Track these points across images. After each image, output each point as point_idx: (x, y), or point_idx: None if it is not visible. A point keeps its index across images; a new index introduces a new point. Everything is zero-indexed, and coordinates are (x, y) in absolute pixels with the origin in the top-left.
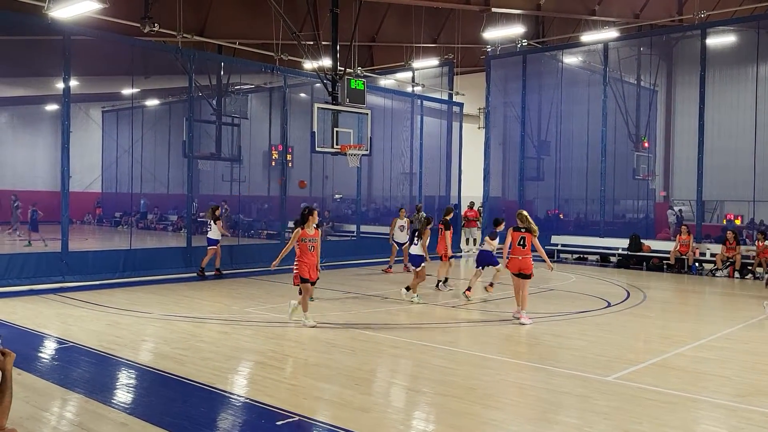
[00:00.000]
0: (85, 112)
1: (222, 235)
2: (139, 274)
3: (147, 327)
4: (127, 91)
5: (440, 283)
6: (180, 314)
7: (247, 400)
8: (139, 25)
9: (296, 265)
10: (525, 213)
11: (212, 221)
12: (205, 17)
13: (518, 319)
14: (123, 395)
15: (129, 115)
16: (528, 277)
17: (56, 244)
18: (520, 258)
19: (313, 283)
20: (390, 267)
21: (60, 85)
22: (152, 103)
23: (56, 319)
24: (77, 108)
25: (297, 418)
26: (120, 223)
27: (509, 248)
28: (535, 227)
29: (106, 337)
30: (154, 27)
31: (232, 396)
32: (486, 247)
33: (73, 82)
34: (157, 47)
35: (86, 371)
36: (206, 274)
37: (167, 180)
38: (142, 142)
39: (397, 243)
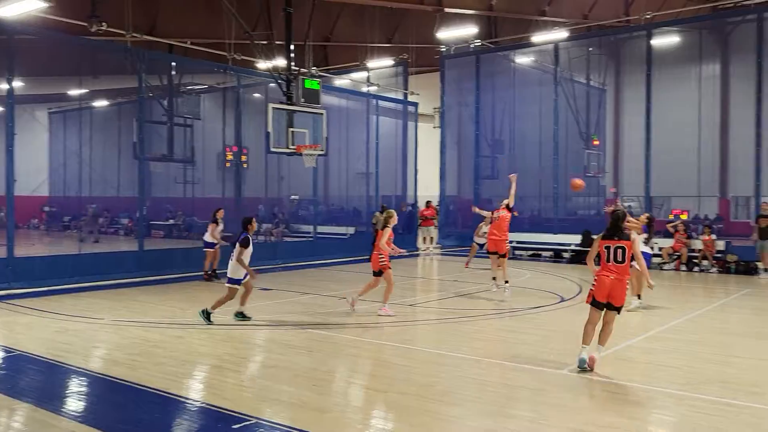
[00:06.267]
0: (30, 114)
1: (216, 242)
2: (90, 279)
3: (98, 333)
4: (74, 92)
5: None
6: (132, 319)
7: (203, 405)
8: (86, 24)
9: None
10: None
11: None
12: (154, 16)
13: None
14: (73, 403)
15: (77, 116)
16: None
17: (1, 251)
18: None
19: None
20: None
21: (3, 86)
22: (101, 103)
23: (2, 327)
24: (22, 109)
25: (254, 420)
26: (69, 227)
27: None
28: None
29: (55, 345)
30: (102, 26)
31: (187, 401)
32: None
33: (18, 83)
34: (105, 47)
35: (34, 380)
36: (210, 275)
37: (118, 182)
38: (91, 143)
39: (478, 244)
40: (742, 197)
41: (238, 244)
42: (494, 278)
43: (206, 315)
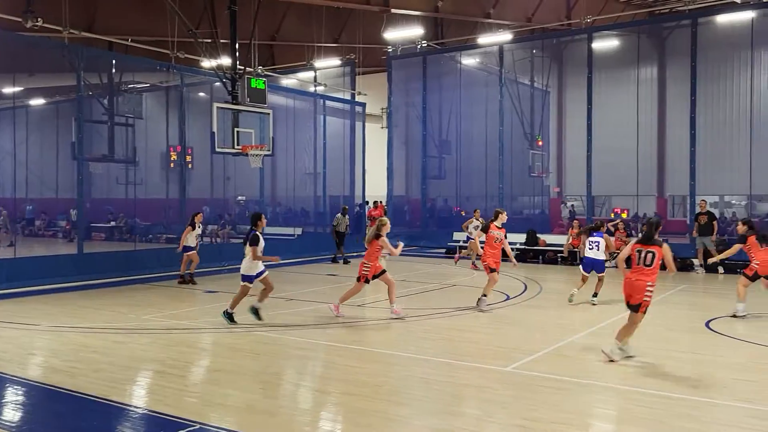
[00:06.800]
0: None
1: (196, 245)
2: (26, 284)
3: (35, 340)
4: (8, 90)
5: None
6: (71, 325)
7: (145, 411)
8: (20, 19)
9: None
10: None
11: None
12: (93, 12)
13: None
14: (9, 413)
15: (11, 115)
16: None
17: None
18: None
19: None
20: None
21: None
22: (37, 102)
23: None
24: None
25: (198, 426)
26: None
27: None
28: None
29: None
30: (37, 21)
31: (128, 408)
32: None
33: None
34: (40, 43)
35: None
36: (188, 279)
37: (56, 184)
38: (27, 144)
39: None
40: (679, 196)
41: (248, 245)
42: (485, 295)
43: (228, 316)
